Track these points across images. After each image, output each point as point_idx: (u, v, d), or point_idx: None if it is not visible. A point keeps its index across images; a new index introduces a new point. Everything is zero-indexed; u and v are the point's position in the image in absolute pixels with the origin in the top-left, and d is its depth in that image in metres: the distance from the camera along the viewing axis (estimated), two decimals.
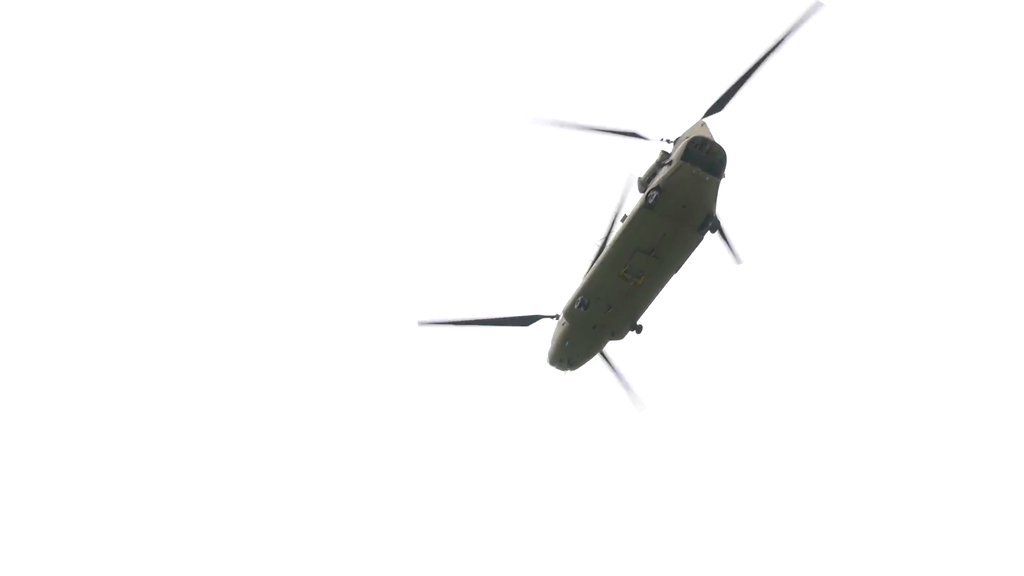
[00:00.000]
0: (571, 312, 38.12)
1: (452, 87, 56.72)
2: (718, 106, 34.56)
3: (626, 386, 41.20)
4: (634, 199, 35.81)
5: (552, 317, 39.76)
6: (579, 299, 37.49)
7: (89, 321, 59.17)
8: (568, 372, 41.07)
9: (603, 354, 40.20)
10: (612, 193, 36.57)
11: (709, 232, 34.83)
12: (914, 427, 55.96)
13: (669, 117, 36.89)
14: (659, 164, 35.13)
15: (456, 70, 57.18)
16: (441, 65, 57.87)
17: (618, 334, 38.64)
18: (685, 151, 33.83)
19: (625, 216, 35.78)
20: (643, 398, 41.18)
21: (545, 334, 40.67)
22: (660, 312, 41.44)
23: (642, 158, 36.99)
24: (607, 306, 37.42)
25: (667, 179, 34.07)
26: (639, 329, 38.17)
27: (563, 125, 35.02)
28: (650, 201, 34.26)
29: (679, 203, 34.17)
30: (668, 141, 35.41)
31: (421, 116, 57.52)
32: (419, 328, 41.37)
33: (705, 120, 34.88)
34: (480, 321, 40.70)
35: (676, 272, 36.36)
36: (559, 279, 39.32)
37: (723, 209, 36.24)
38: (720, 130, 35.44)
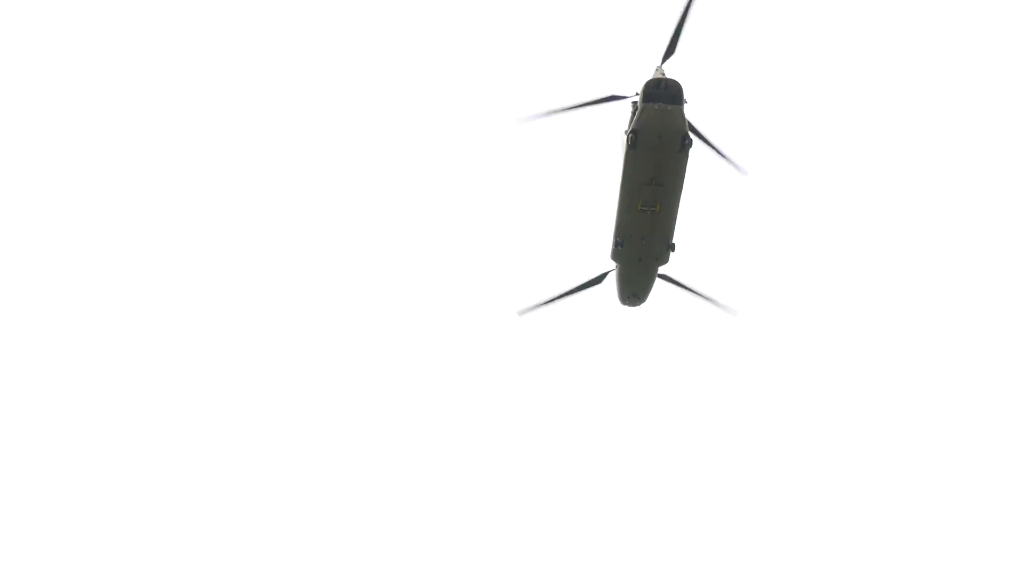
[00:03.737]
0: (616, 253, 45.42)
1: (438, 83, 57.92)
2: (670, 50, 41.28)
3: (709, 299, 48.39)
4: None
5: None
6: (616, 241, 44.90)
7: (99, 323, 59.74)
8: (639, 305, 48.54)
9: (674, 281, 47.63)
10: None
11: (689, 147, 41.81)
12: (913, 427, 57.80)
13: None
14: (633, 113, 42.33)
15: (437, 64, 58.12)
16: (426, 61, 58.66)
17: (662, 258, 45.64)
18: (644, 94, 41.02)
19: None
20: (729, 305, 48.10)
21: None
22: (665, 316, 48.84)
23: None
24: (640, 238, 44.53)
25: (638, 120, 41.23)
26: (673, 247, 45.29)
27: (548, 113, 42.38)
28: (631, 143, 41.54)
29: (655, 135, 41.29)
30: (637, 94, 42.66)
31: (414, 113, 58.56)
32: (520, 315, 48.19)
33: (660, 65, 41.98)
34: (565, 293, 48.01)
35: (681, 190, 43.30)
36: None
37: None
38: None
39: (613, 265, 46.85)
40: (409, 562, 57.74)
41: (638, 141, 41.44)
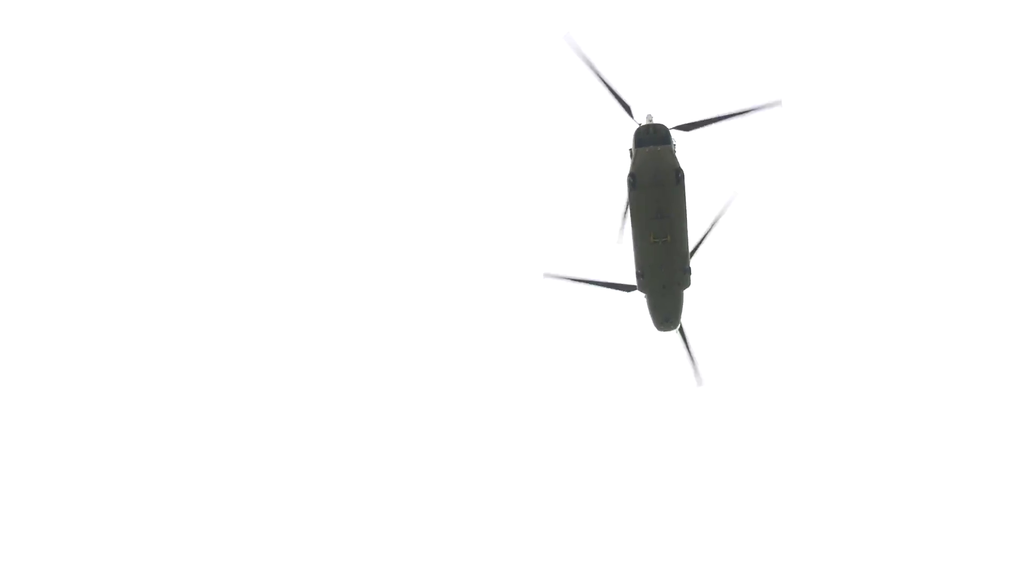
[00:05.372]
0: (641, 284, 50.33)
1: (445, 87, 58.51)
2: (686, 128, 45.65)
3: (692, 359, 53.34)
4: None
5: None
6: (638, 273, 49.89)
7: (98, 322, 59.92)
8: (673, 330, 53.30)
9: (681, 331, 52.46)
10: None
11: (683, 180, 46.65)
12: (915, 430, 58.05)
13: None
14: (631, 159, 47.59)
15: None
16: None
17: (682, 283, 50.25)
18: (636, 141, 46.07)
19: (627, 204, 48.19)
20: (704, 374, 52.60)
21: None
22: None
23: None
24: (659, 266, 49.24)
25: (634, 164, 46.15)
26: (690, 271, 50.10)
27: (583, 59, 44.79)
28: (631, 184, 46.76)
29: (652, 174, 45.99)
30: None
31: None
32: (544, 279, 51.60)
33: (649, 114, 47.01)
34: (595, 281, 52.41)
35: (686, 218, 48.11)
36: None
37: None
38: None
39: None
40: (409, 562, 58.37)
41: (637, 182, 46.61)
